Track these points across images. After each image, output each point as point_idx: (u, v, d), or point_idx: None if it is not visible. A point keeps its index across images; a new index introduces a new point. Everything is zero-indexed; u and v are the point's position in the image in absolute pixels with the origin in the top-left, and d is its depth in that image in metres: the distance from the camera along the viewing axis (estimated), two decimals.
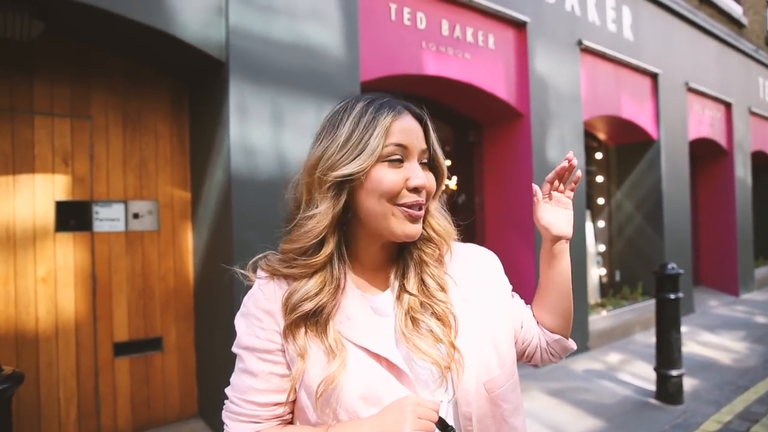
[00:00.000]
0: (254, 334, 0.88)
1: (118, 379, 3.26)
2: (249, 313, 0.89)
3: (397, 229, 0.87)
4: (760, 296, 8.51)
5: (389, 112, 0.86)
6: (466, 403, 0.88)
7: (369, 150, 0.84)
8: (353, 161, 0.84)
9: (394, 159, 0.86)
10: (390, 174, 0.85)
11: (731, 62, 8.38)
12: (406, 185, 0.86)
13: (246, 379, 0.88)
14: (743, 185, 8.53)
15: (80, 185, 3.16)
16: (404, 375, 0.84)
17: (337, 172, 0.84)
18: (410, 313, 0.89)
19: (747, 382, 4.39)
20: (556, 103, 5.10)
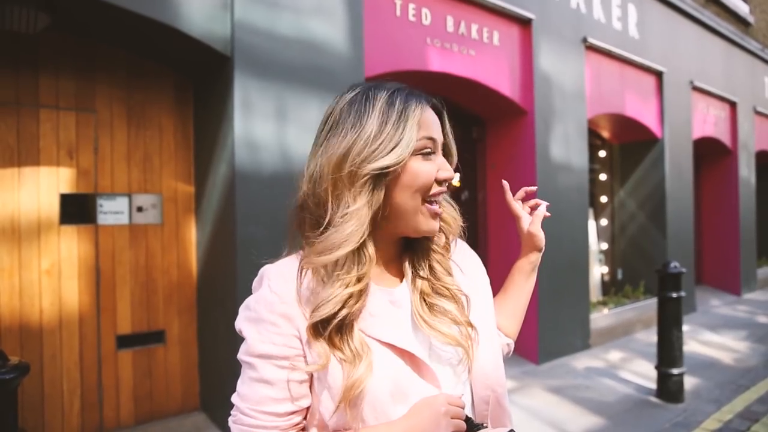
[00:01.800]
0: (270, 341, 0.81)
1: (121, 372, 3.28)
2: (261, 318, 0.82)
3: (423, 225, 0.86)
4: (762, 296, 8.50)
5: (417, 103, 0.85)
6: (484, 386, 0.91)
7: (405, 141, 0.81)
8: (391, 152, 0.80)
9: (426, 152, 0.85)
10: (425, 166, 0.84)
11: (737, 61, 8.34)
12: (436, 178, 0.86)
13: (261, 389, 0.81)
14: (747, 185, 8.51)
15: (85, 178, 3.17)
16: (426, 367, 0.84)
17: (374, 164, 0.80)
18: (424, 297, 0.89)
19: (748, 381, 4.39)
20: (560, 101, 5.09)
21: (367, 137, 0.81)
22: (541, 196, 4.65)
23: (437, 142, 0.87)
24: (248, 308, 0.85)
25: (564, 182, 5.13)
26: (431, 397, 0.82)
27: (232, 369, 3.03)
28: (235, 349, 0.88)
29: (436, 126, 0.88)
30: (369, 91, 0.86)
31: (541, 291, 4.80)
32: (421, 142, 0.84)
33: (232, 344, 3.02)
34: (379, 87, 0.87)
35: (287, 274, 0.84)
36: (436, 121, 0.88)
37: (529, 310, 4.50)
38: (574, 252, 5.21)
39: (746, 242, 8.43)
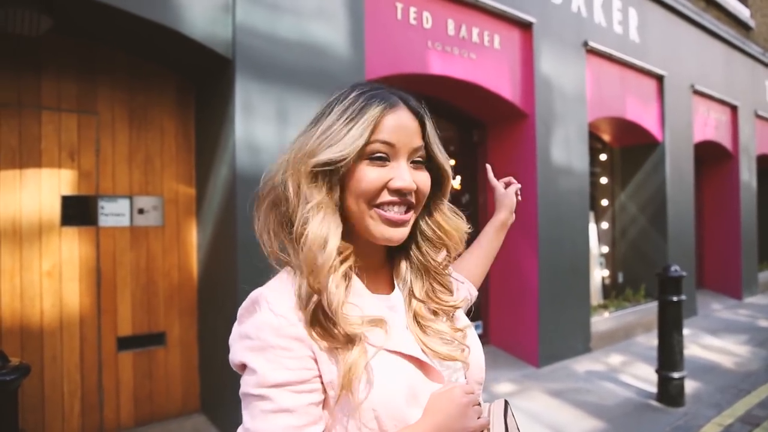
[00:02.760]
0: (284, 367, 0.75)
1: (122, 374, 3.28)
2: (269, 345, 0.76)
3: (375, 231, 0.83)
4: (763, 300, 8.49)
5: (380, 103, 0.81)
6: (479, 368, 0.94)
7: (350, 138, 0.78)
8: (331, 147, 0.79)
9: (376, 157, 0.81)
10: (370, 173, 0.80)
11: (738, 65, 8.35)
12: (387, 186, 0.81)
13: (281, 420, 0.75)
14: (748, 188, 8.50)
15: (86, 180, 3.18)
16: (431, 368, 0.85)
17: (315, 159, 0.79)
18: (418, 319, 0.88)
19: (749, 385, 4.39)
20: (561, 104, 5.09)
21: (320, 132, 0.81)
22: (542, 200, 4.66)
23: (397, 148, 0.81)
24: (249, 337, 0.78)
25: (565, 185, 5.13)
26: (448, 392, 0.82)
27: (233, 371, 3.03)
28: None
29: (405, 130, 0.82)
30: (347, 91, 0.86)
31: (541, 294, 4.80)
32: (373, 146, 0.80)
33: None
34: (359, 87, 0.86)
35: (285, 295, 0.79)
36: (407, 126, 0.83)
37: (530, 313, 4.52)
38: (574, 255, 5.21)
39: (747, 246, 8.43)
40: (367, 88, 0.85)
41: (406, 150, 0.82)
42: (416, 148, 0.84)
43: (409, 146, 0.82)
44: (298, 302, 0.78)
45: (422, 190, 0.85)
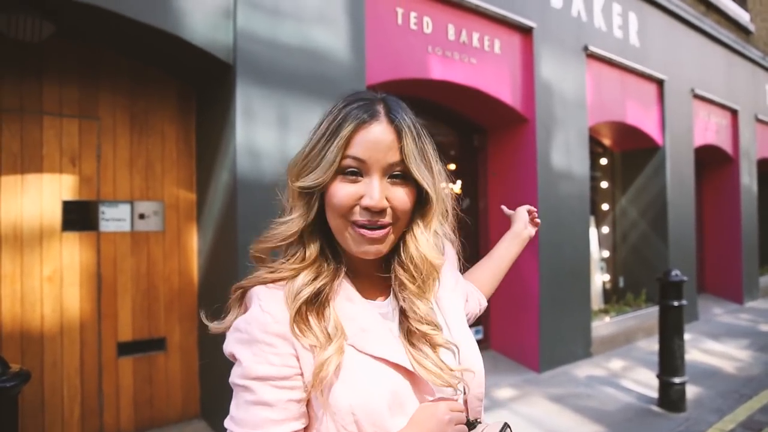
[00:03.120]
0: (267, 362, 0.79)
1: (122, 379, 3.28)
2: (255, 339, 0.80)
3: (352, 246, 0.84)
4: (764, 304, 8.47)
5: (353, 120, 0.81)
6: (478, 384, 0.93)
7: (326, 163, 0.81)
8: (312, 173, 0.83)
9: (348, 172, 0.81)
10: (342, 189, 0.82)
11: (738, 69, 8.36)
12: (359, 202, 0.81)
13: (260, 412, 0.78)
14: (749, 193, 8.50)
15: (87, 185, 3.18)
16: (421, 381, 0.84)
17: (299, 183, 0.84)
18: (409, 337, 0.88)
19: (750, 390, 4.37)
20: (561, 109, 5.10)
21: (304, 153, 0.86)
22: (543, 204, 4.67)
23: (368, 164, 0.81)
24: (238, 330, 0.82)
25: (565, 190, 5.13)
26: (432, 406, 0.82)
27: None
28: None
29: (378, 145, 0.81)
30: (337, 103, 0.87)
31: (542, 299, 4.79)
32: (345, 161, 0.81)
33: None
34: (346, 99, 0.87)
35: (277, 293, 0.83)
36: (381, 140, 0.81)
37: (531, 318, 4.51)
38: (575, 260, 5.20)
39: (748, 250, 8.42)
40: (351, 100, 0.86)
41: (378, 166, 0.81)
42: (392, 164, 0.82)
43: (382, 162, 0.81)
44: (287, 300, 0.82)
45: (398, 207, 0.83)
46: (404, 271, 0.89)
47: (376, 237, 0.83)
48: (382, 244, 0.84)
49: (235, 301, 0.89)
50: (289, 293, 0.82)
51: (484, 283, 1.31)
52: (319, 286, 0.84)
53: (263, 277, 0.86)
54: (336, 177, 0.82)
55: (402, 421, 0.82)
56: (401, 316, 0.89)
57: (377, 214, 0.82)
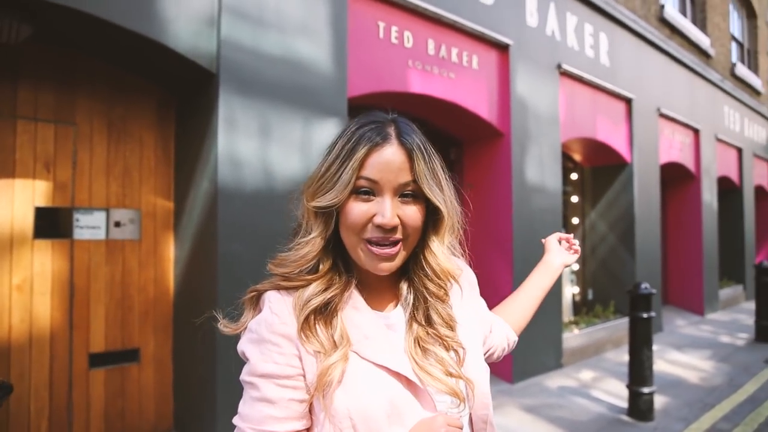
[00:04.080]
0: (272, 360, 0.84)
1: (93, 391, 3.19)
2: (263, 339, 0.85)
3: (366, 263, 0.88)
4: (723, 316, 8.79)
5: (367, 143, 0.85)
6: (482, 405, 0.94)
7: (342, 184, 0.85)
8: (327, 193, 0.86)
9: (362, 192, 0.85)
10: (356, 208, 0.85)
11: (699, 90, 8.73)
12: (372, 221, 0.85)
13: (263, 408, 0.83)
14: (710, 209, 8.84)
15: (61, 192, 3.11)
16: (422, 392, 0.86)
17: (315, 203, 0.87)
18: (420, 342, 0.90)
19: (714, 399, 4.53)
20: (535, 124, 5.23)
21: (319, 174, 0.89)
22: (517, 218, 4.76)
23: (381, 184, 0.85)
24: (250, 330, 0.88)
25: (539, 204, 5.25)
26: (430, 419, 0.84)
27: (209, 388, 2.98)
28: (213, 368, 0.90)
29: (389, 166, 0.85)
30: (350, 125, 0.91)
31: None
32: (359, 182, 0.85)
33: (210, 363, 2.97)
34: (359, 121, 0.91)
35: (287, 299, 0.88)
36: (392, 162, 0.86)
37: None
38: None
39: (709, 264, 8.74)
40: (363, 122, 0.90)
41: (390, 186, 0.85)
42: (404, 183, 0.86)
43: (394, 182, 0.85)
44: (295, 307, 0.86)
45: (409, 224, 0.87)
46: (430, 281, 0.94)
47: (388, 254, 0.87)
48: (393, 261, 0.88)
49: (249, 302, 0.92)
50: (299, 301, 0.86)
51: (514, 318, 1.28)
52: (329, 297, 0.87)
53: (277, 284, 0.89)
54: (350, 197, 0.86)
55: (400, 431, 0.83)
56: (413, 323, 0.92)
57: (389, 231, 0.85)
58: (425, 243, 0.93)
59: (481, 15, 4.70)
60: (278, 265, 0.91)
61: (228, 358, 2.93)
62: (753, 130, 11.24)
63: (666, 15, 7.68)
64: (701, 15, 9.31)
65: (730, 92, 9.93)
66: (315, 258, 0.89)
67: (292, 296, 0.88)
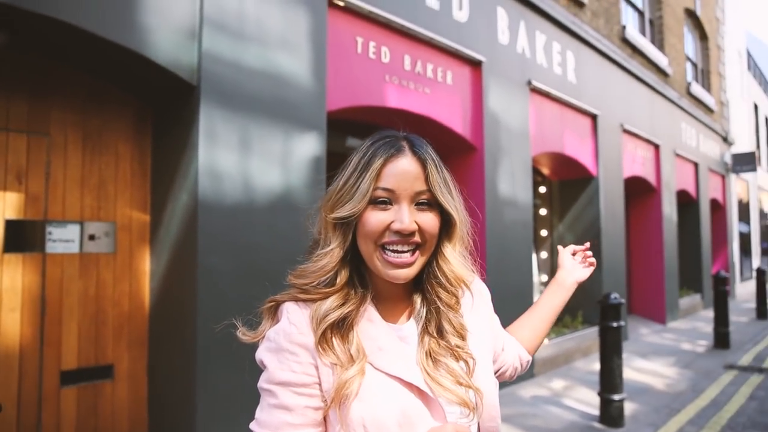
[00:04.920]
0: (289, 369, 0.87)
1: (64, 410, 3.08)
2: (281, 348, 0.88)
3: (382, 271, 0.91)
4: (684, 324, 9.11)
5: (383, 155, 0.90)
6: (489, 417, 0.97)
7: (360, 194, 0.88)
8: (347, 204, 0.89)
9: (379, 202, 0.89)
10: (374, 216, 0.89)
11: (659, 107, 9.12)
12: (389, 227, 0.89)
13: (280, 415, 0.86)
14: (670, 221, 9.19)
15: (34, 204, 3.02)
16: (433, 401, 0.89)
17: (334, 214, 0.90)
18: (431, 354, 0.93)
19: (679, 404, 4.70)
20: (507, 139, 5.36)
21: (338, 188, 0.92)
22: (490, 231, 4.86)
23: (397, 193, 0.89)
24: (268, 339, 0.91)
25: (510, 216, 5.37)
26: (439, 427, 0.86)
27: (187, 404, 2.93)
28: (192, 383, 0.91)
29: (405, 175, 0.89)
30: (366, 141, 0.95)
31: None
32: (376, 192, 0.89)
33: (188, 379, 2.92)
34: (374, 137, 0.95)
35: (305, 311, 0.91)
36: (408, 171, 0.90)
37: None
38: (519, 284, 5.42)
39: (670, 274, 9.07)
40: (377, 138, 0.94)
41: (407, 194, 0.89)
42: (419, 192, 0.90)
43: (410, 191, 0.89)
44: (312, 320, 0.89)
45: (426, 230, 0.90)
46: (443, 290, 0.96)
47: (405, 262, 0.90)
48: (410, 268, 0.91)
49: (267, 311, 0.95)
50: (316, 314, 0.89)
51: (527, 338, 1.28)
52: (346, 312, 0.89)
53: (295, 296, 0.92)
54: (368, 207, 0.89)
55: None
56: (425, 335, 0.95)
57: (407, 236, 0.89)
58: (439, 250, 0.96)
59: (455, 32, 4.82)
60: (298, 276, 0.93)
61: (208, 373, 2.89)
62: (707, 146, 11.78)
63: (627, 35, 8.01)
64: (659, 36, 9.75)
65: (687, 109, 10.40)
66: (333, 269, 0.91)
67: (309, 308, 0.90)
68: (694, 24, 11.99)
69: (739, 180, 14.59)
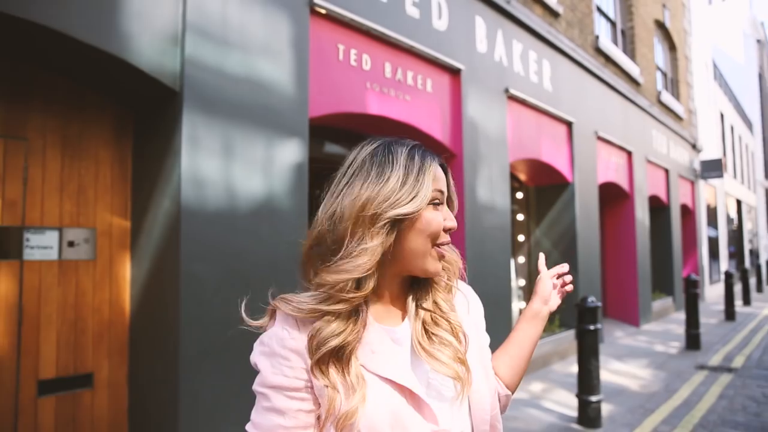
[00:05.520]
0: (281, 373, 0.89)
1: (41, 420, 3.02)
2: (274, 352, 0.90)
3: (430, 266, 0.96)
4: (657, 326, 9.33)
5: (432, 160, 0.97)
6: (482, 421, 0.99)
7: (423, 193, 0.92)
8: (410, 202, 0.92)
9: (436, 202, 0.95)
10: (436, 216, 0.95)
11: (631, 115, 9.36)
12: (443, 226, 0.96)
13: (273, 418, 0.88)
14: (642, 226, 9.43)
15: (11, 210, 2.97)
16: (424, 404, 0.91)
17: (396, 210, 0.90)
18: (425, 326, 0.97)
19: (653, 405, 4.82)
20: (485, 146, 5.45)
21: (393, 186, 0.92)
22: (469, 236, 4.93)
23: (444, 195, 0.98)
24: (262, 343, 0.92)
25: (489, 222, 5.45)
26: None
27: (170, 412, 2.90)
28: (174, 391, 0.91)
29: (443, 180, 0.99)
30: (391, 146, 0.97)
31: None
32: (434, 194, 0.95)
33: (171, 386, 2.90)
34: (399, 143, 0.98)
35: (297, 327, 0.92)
36: (443, 176, 0.99)
37: None
38: (498, 289, 5.51)
39: (643, 278, 9.29)
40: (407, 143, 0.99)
41: (444, 197, 0.98)
42: (448, 195, 1.01)
43: (446, 193, 0.99)
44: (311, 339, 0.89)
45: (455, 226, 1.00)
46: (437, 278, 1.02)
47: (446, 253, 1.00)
48: None
49: (270, 311, 0.96)
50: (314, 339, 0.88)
51: (504, 373, 1.21)
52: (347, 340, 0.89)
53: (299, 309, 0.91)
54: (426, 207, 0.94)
55: None
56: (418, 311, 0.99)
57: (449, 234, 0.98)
58: None
59: (434, 40, 4.90)
60: (333, 272, 0.90)
61: (191, 381, 2.87)
62: (677, 153, 12.12)
63: (601, 45, 8.22)
64: (630, 46, 10.02)
65: (658, 117, 10.70)
66: (371, 269, 0.90)
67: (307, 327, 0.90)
68: (663, 35, 12.36)
69: (707, 186, 15.03)
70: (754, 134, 26.74)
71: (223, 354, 3.03)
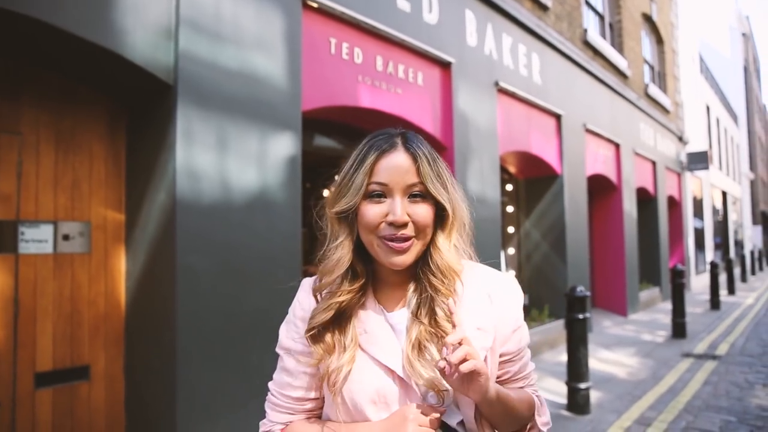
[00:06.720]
0: (291, 338, 1.04)
1: (39, 412, 3.05)
2: (289, 320, 1.07)
3: (383, 258, 0.97)
4: (644, 316, 9.49)
5: (376, 151, 0.96)
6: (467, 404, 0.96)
7: (354, 189, 0.96)
8: (344, 198, 0.98)
9: (374, 195, 0.95)
10: (370, 210, 0.95)
11: (619, 108, 9.46)
12: (385, 219, 0.94)
13: (284, 376, 1.04)
14: (630, 217, 9.56)
15: (5, 204, 2.97)
16: (407, 385, 0.95)
17: (337, 208, 0.98)
18: (418, 340, 0.95)
19: (640, 392, 4.93)
20: (476, 138, 5.51)
21: (338, 182, 1.00)
22: None
23: (390, 186, 0.95)
24: (287, 312, 1.09)
25: (480, 214, 5.52)
26: (406, 406, 0.93)
27: (167, 404, 2.94)
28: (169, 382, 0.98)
29: (397, 170, 0.95)
30: (366, 140, 1.02)
31: None
32: (371, 187, 0.96)
33: (168, 378, 2.93)
34: (371, 135, 1.03)
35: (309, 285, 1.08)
36: (400, 166, 0.95)
37: None
38: None
39: (630, 268, 9.43)
40: (374, 135, 1.02)
41: (399, 187, 0.95)
42: (411, 185, 0.95)
43: (401, 183, 0.95)
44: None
45: (419, 221, 0.95)
46: (434, 277, 0.99)
47: (401, 248, 0.95)
48: (406, 255, 0.96)
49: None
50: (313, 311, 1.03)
51: None
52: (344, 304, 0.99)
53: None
54: (364, 200, 0.96)
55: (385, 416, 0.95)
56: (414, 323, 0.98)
57: (400, 227, 0.94)
58: (433, 240, 1.01)
59: (425, 34, 4.93)
60: (324, 273, 1.01)
61: (188, 372, 2.91)
62: (664, 145, 12.27)
63: (589, 38, 8.30)
64: (618, 39, 10.11)
65: (645, 110, 10.82)
66: (350, 261, 0.99)
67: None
68: (650, 28, 12.47)
69: (693, 178, 15.24)
70: (739, 126, 27.10)
71: (218, 345, 3.07)
